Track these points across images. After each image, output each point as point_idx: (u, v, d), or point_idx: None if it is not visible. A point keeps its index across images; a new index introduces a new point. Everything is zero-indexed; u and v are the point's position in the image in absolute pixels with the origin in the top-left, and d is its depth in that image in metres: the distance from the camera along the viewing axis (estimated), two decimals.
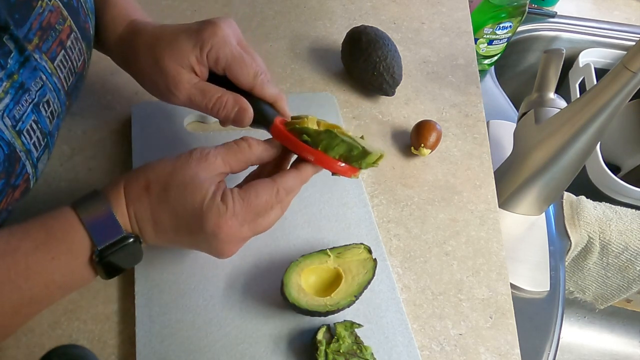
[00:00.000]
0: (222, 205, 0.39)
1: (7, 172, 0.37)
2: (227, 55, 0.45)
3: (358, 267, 0.48)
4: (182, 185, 0.39)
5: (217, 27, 0.46)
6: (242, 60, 0.45)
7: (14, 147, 0.37)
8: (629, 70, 0.51)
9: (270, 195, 0.41)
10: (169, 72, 0.46)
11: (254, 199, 0.40)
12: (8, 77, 0.36)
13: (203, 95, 0.46)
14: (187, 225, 0.40)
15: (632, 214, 0.79)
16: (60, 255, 0.38)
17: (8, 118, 0.36)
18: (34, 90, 0.39)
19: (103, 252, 0.38)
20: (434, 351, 0.49)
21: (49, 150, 0.42)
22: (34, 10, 0.39)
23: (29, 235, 0.38)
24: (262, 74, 0.46)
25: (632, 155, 1.09)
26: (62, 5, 0.42)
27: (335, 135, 0.43)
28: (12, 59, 0.36)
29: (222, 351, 0.45)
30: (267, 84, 0.47)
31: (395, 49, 0.67)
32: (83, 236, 0.38)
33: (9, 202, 0.39)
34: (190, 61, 0.45)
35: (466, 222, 0.59)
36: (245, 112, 0.46)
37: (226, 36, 0.46)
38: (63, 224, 0.39)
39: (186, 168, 0.40)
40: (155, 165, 0.41)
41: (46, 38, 0.40)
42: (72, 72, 0.44)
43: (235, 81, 0.46)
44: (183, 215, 0.40)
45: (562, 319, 0.64)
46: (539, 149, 0.62)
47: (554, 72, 0.63)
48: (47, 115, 0.41)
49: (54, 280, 0.38)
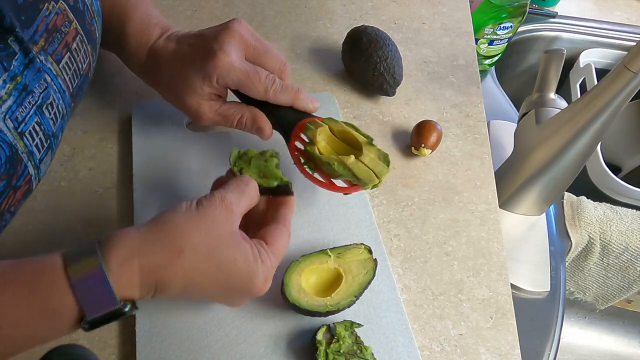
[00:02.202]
0: (263, 267, 0.40)
1: (9, 173, 0.37)
2: (234, 80, 0.49)
3: (358, 267, 0.48)
4: (222, 249, 0.38)
5: (218, 57, 0.48)
6: (250, 81, 0.49)
7: (16, 149, 0.37)
8: (629, 71, 0.51)
9: (287, 241, 0.44)
10: (190, 106, 0.51)
11: (281, 250, 0.42)
12: (11, 79, 0.36)
13: (225, 120, 0.52)
14: (231, 285, 0.40)
15: (633, 215, 0.79)
16: (42, 317, 0.34)
17: (10, 120, 0.36)
18: (38, 92, 0.38)
19: (92, 321, 0.35)
20: (434, 351, 0.49)
21: (52, 151, 0.42)
22: (41, 12, 0.39)
23: (12, 286, 0.34)
24: (272, 86, 0.50)
25: (632, 156, 1.09)
26: (69, 8, 0.42)
27: (334, 169, 0.48)
28: (16, 61, 0.36)
29: (222, 351, 0.45)
30: (279, 94, 0.50)
31: (396, 49, 0.67)
32: (71, 302, 0.34)
33: (11, 203, 0.39)
34: (205, 92, 0.50)
35: (467, 222, 0.59)
36: (263, 131, 0.52)
37: (229, 63, 0.48)
38: (49, 281, 0.34)
39: (220, 228, 0.39)
40: (180, 225, 0.38)
41: (52, 40, 0.40)
42: (78, 74, 0.45)
43: (250, 96, 0.51)
44: (228, 279, 0.39)
45: (562, 320, 0.64)
46: (540, 149, 0.62)
47: (554, 73, 0.63)
48: (50, 117, 0.41)
49: (33, 336, 0.35)
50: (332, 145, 0.51)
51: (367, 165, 0.48)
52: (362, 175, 0.48)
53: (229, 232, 0.39)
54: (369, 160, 0.48)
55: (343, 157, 0.48)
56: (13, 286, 0.34)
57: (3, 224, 0.40)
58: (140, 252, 0.36)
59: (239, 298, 0.42)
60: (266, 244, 0.41)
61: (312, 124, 0.50)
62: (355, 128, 0.51)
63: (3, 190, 0.37)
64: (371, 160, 0.48)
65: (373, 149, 0.49)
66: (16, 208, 0.41)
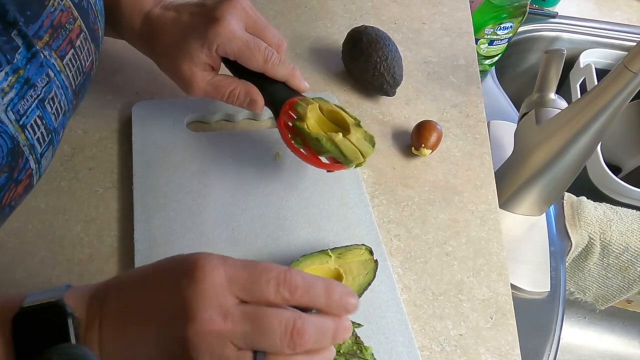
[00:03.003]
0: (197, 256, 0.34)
1: (10, 166, 0.37)
2: (234, 49, 0.50)
3: (359, 268, 0.48)
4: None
5: (221, 24, 0.49)
6: (249, 50, 0.50)
7: (18, 141, 0.37)
8: (629, 71, 0.50)
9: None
10: (184, 74, 0.51)
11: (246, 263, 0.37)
12: (14, 72, 0.36)
13: (217, 91, 0.52)
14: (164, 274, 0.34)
15: (633, 215, 0.79)
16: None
17: (12, 112, 0.36)
18: (40, 87, 0.39)
19: (23, 313, 0.31)
20: (434, 351, 0.49)
21: (53, 146, 0.42)
22: (46, 8, 0.39)
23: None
24: (271, 58, 0.51)
25: (633, 156, 1.09)
26: (73, 5, 0.43)
27: (322, 144, 0.50)
28: (19, 54, 0.36)
29: None
30: (277, 67, 0.51)
31: (396, 49, 0.67)
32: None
33: (12, 197, 0.39)
34: (201, 60, 0.50)
35: (467, 222, 0.59)
36: (255, 104, 0.52)
37: (231, 31, 0.49)
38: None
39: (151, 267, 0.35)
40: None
41: (56, 36, 0.40)
42: (81, 72, 0.45)
43: (248, 67, 0.51)
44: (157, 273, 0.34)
45: (562, 320, 0.64)
46: (540, 149, 0.62)
47: (554, 73, 0.63)
48: (52, 112, 0.41)
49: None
50: (320, 124, 0.53)
51: (354, 144, 0.50)
52: (348, 153, 0.49)
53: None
54: (356, 140, 0.50)
55: (331, 134, 0.50)
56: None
57: (2, 218, 0.40)
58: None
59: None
60: None
61: (303, 101, 0.52)
62: (343, 110, 0.53)
63: (5, 183, 0.37)
64: (358, 139, 0.51)
65: (360, 130, 0.52)
66: (17, 203, 0.41)
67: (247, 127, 0.63)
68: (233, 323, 0.30)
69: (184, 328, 0.30)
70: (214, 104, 0.62)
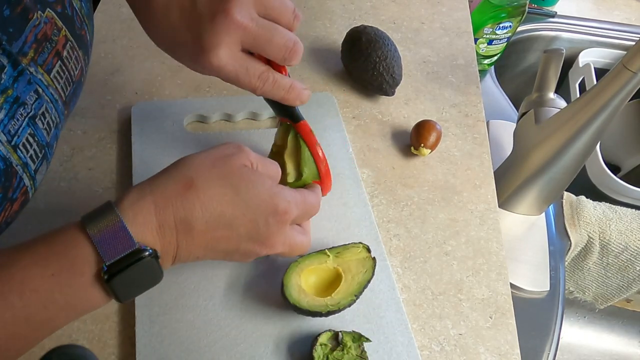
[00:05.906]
0: (284, 192, 0.40)
1: (4, 187, 0.36)
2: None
3: (357, 266, 0.48)
4: (235, 176, 0.39)
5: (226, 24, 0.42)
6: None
7: (10, 161, 0.36)
8: (628, 70, 0.51)
9: (316, 202, 0.46)
10: (209, 45, 0.42)
11: (309, 204, 0.44)
12: (2, 92, 0.35)
13: (246, 71, 0.43)
14: (252, 209, 0.39)
15: (632, 214, 0.79)
16: (61, 272, 0.34)
17: (3, 134, 0.35)
18: (30, 104, 0.38)
19: (112, 268, 0.34)
20: (433, 351, 0.49)
21: (47, 161, 0.42)
22: (29, 22, 0.38)
23: (30, 249, 0.35)
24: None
25: (632, 155, 1.09)
26: (57, 15, 0.41)
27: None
28: (5, 74, 0.35)
29: (222, 351, 0.45)
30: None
31: (395, 49, 0.67)
32: (89, 251, 0.34)
33: (8, 215, 0.39)
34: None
35: (466, 222, 0.59)
36: (299, 92, 0.46)
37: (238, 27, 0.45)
38: (66, 237, 0.35)
39: (232, 161, 0.40)
40: (188, 160, 0.40)
41: (42, 51, 0.39)
42: (70, 82, 0.44)
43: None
44: (248, 201, 0.39)
45: (562, 319, 0.64)
46: (539, 149, 0.62)
47: (553, 72, 0.63)
48: (44, 127, 0.40)
49: (54, 299, 0.34)
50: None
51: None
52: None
53: (241, 164, 0.39)
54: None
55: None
56: (32, 247, 0.35)
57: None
58: (152, 190, 0.37)
59: (264, 226, 0.39)
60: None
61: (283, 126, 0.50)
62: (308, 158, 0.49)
63: (0, 203, 0.36)
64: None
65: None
66: (13, 219, 0.40)
67: (246, 127, 0.63)
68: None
69: None
70: (213, 103, 0.62)
